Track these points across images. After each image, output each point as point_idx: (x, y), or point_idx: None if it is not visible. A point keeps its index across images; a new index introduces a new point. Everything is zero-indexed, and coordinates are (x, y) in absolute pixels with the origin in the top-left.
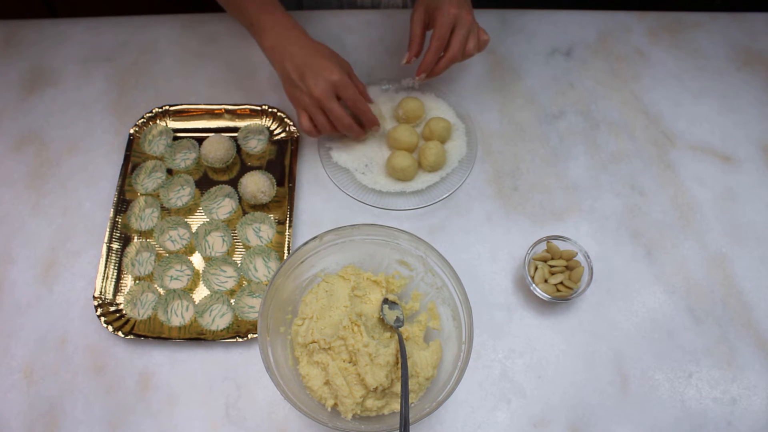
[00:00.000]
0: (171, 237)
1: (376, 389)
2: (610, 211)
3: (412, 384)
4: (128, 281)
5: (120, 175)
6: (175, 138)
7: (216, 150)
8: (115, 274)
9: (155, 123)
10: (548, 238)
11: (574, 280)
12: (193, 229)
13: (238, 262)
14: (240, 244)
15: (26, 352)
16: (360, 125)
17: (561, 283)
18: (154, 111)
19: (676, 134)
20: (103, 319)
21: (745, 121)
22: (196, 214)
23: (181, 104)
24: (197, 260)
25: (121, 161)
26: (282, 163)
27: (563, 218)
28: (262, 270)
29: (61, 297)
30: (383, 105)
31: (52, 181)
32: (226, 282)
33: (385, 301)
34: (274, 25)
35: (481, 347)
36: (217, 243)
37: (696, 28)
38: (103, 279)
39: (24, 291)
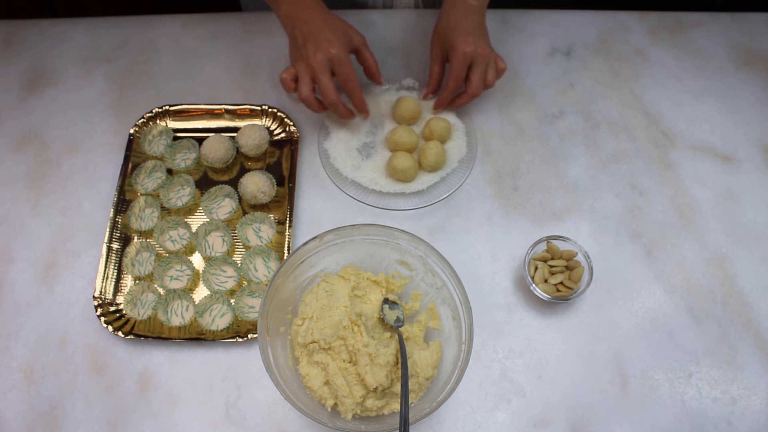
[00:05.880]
0: (171, 237)
1: (376, 389)
2: (610, 211)
3: (412, 384)
4: (128, 281)
5: (120, 175)
6: (175, 138)
7: (216, 150)
8: (115, 274)
9: (155, 123)
10: (548, 238)
11: (574, 280)
12: (193, 229)
13: (238, 262)
14: (240, 244)
15: (26, 352)
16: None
17: (561, 283)
18: (154, 111)
19: (676, 134)
20: (103, 319)
21: (745, 121)
22: (196, 214)
23: (181, 104)
24: (197, 260)
25: (121, 161)
26: (282, 164)
27: (563, 218)
28: (262, 270)
29: (61, 297)
30: (383, 105)
31: (52, 181)
32: (226, 282)
33: (386, 301)
34: None
35: (481, 347)
36: (217, 243)
37: (696, 28)
38: (103, 279)
39: (24, 291)
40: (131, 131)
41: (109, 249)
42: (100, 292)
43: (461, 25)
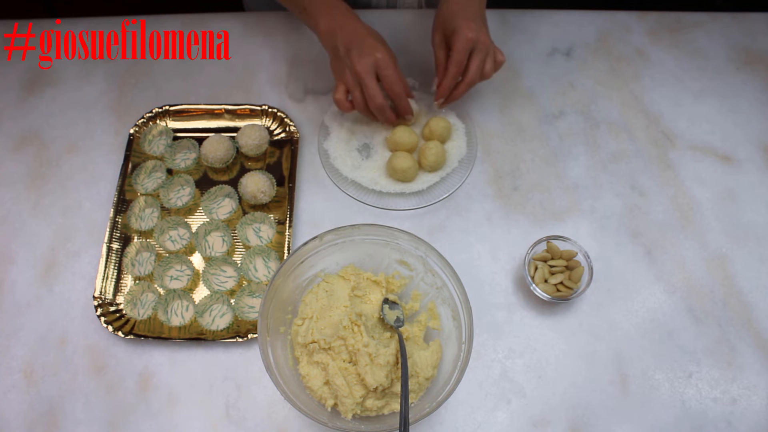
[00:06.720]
0: (171, 237)
1: (376, 389)
2: (610, 211)
3: (412, 384)
4: (128, 281)
5: (120, 175)
6: (175, 138)
7: (216, 150)
8: (115, 274)
9: (155, 123)
10: (548, 238)
11: (574, 280)
12: (193, 229)
13: (238, 262)
14: (240, 244)
15: (26, 352)
16: (394, 112)
17: (561, 283)
18: (154, 111)
19: (676, 134)
20: (103, 319)
21: (745, 121)
22: (196, 214)
23: (181, 104)
24: (197, 260)
25: (121, 161)
26: (282, 164)
27: (563, 218)
28: (262, 270)
29: (61, 297)
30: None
31: (52, 181)
32: (226, 282)
33: (386, 301)
34: (329, 9)
35: (481, 347)
36: (217, 243)
37: (696, 28)
38: (103, 279)
39: (24, 291)
40: (131, 131)
41: (109, 249)
42: (100, 292)
43: (464, 11)
